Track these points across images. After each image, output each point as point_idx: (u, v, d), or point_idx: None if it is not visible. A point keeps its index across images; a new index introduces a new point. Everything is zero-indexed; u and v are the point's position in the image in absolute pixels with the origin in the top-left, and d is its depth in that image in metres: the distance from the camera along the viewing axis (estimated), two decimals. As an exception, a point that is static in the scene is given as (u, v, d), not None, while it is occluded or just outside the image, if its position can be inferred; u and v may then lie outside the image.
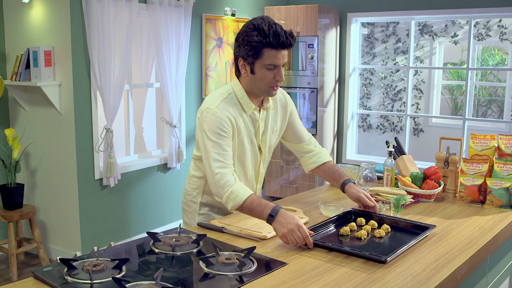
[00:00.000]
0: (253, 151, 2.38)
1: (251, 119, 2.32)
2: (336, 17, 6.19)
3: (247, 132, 2.32)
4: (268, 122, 2.39)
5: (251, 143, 2.35)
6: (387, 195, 2.68)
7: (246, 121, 2.30)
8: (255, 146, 2.38)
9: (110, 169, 4.47)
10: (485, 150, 2.84)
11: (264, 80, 2.21)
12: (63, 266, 1.77)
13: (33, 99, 4.46)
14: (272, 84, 2.22)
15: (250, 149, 2.36)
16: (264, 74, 2.19)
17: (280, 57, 2.17)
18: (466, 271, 1.97)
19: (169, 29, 4.84)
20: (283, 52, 2.17)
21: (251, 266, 1.83)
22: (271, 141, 2.46)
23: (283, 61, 2.19)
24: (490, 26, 8.13)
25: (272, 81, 2.21)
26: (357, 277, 1.78)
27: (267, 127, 2.39)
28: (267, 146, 2.44)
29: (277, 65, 2.17)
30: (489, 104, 9.07)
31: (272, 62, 2.16)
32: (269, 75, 2.19)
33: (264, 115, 2.38)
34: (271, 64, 2.17)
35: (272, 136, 2.45)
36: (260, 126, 2.36)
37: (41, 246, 4.35)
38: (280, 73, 2.19)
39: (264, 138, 2.40)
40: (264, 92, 2.26)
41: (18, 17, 4.41)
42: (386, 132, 8.69)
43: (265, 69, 2.18)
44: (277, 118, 2.46)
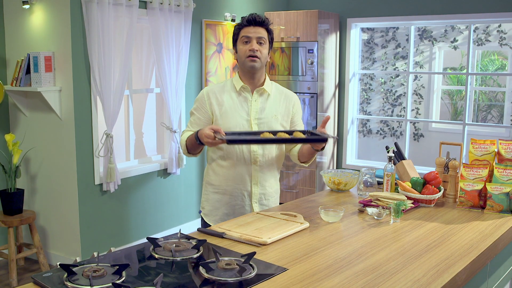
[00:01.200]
0: (243, 125, 2.61)
1: (243, 98, 2.64)
2: (336, 22, 6.20)
3: (234, 106, 2.61)
4: (266, 105, 2.66)
5: (241, 118, 2.61)
6: (387, 200, 2.68)
7: (234, 98, 2.63)
8: (245, 121, 2.61)
9: (110, 174, 4.47)
10: (485, 155, 2.84)
11: (241, 52, 2.59)
12: (63, 271, 1.77)
13: (33, 104, 4.47)
14: (248, 54, 2.56)
15: (240, 122, 2.60)
16: (241, 48, 2.59)
17: (251, 31, 2.56)
18: (466, 277, 1.97)
19: (169, 34, 4.85)
20: (255, 28, 2.56)
21: (251, 271, 1.83)
22: (272, 124, 2.64)
23: (255, 35, 2.56)
24: (490, 31, 8.14)
25: (246, 51, 2.56)
26: (358, 283, 1.77)
27: (264, 109, 2.65)
28: (267, 127, 2.63)
29: (249, 37, 2.56)
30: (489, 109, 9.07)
31: (244, 34, 2.57)
32: (244, 47, 2.57)
33: (260, 98, 2.66)
34: (244, 36, 2.57)
35: (273, 121, 2.65)
36: (253, 106, 2.63)
37: (41, 252, 4.35)
38: (252, 44, 2.55)
39: (263, 119, 2.63)
40: (245, 65, 2.59)
41: (19, 23, 4.42)
42: (386, 137, 8.69)
43: (241, 44, 2.59)
44: (278, 106, 2.69)
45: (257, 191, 2.68)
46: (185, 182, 5.40)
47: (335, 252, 2.07)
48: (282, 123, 2.69)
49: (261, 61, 2.58)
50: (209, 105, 2.63)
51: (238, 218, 2.48)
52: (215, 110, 2.63)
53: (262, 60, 2.59)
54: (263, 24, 2.58)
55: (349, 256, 2.03)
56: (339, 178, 3.06)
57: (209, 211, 2.74)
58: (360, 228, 2.40)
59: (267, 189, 2.71)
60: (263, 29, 2.58)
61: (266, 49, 2.60)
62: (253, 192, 2.67)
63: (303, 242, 2.19)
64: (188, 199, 5.47)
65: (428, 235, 2.29)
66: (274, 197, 2.78)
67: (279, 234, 2.22)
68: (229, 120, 2.61)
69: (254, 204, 2.69)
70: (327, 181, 3.11)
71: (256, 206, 2.69)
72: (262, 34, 2.58)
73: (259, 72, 2.64)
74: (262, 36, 2.57)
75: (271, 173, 2.73)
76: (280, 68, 6.10)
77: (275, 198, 2.79)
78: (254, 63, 2.57)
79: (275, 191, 2.79)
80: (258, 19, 2.57)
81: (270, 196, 2.74)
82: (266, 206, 2.73)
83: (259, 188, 2.68)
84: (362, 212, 2.65)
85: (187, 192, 5.46)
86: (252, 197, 2.68)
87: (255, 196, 2.68)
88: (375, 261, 1.98)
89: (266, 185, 2.71)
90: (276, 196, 2.80)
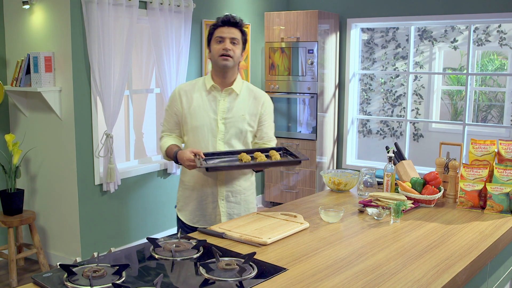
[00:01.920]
0: (210, 124, 2.67)
1: (212, 97, 2.70)
2: (336, 22, 6.21)
3: (203, 105, 2.68)
4: (234, 105, 2.70)
5: (208, 117, 2.67)
6: (387, 200, 2.68)
7: (204, 96, 2.70)
8: (212, 120, 2.67)
9: (110, 174, 4.47)
10: (485, 155, 2.84)
11: (215, 52, 2.64)
12: (63, 272, 1.77)
13: (33, 104, 4.47)
14: (220, 53, 2.62)
15: (207, 121, 2.67)
16: (214, 47, 2.65)
17: (225, 31, 2.63)
18: (466, 277, 1.97)
19: (169, 34, 4.85)
20: (229, 28, 2.63)
21: (251, 271, 1.83)
22: (239, 124, 2.69)
23: (228, 35, 2.62)
24: (490, 31, 8.14)
25: (219, 51, 2.62)
26: (358, 283, 1.77)
27: (231, 109, 2.69)
28: (234, 127, 2.68)
29: (222, 37, 2.62)
30: (489, 109, 9.07)
31: (218, 34, 2.63)
32: (218, 46, 2.63)
33: (228, 97, 2.70)
34: (218, 37, 2.63)
35: (240, 120, 2.69)
36: (220, 105, 2.68)
37: (41, 252, 4.35)
38: (225, 44, 2.61)
39: (230, 119, 2.68)
40: (218, 64, 2.65)
41: (19, 23, 4.42)
42: (386, 137, 8.69)
43: (215, 43, 2.65)
44: (246, 106, 2.73)
45: (223, 189, 2.72)
46: (185, 182, 5.39)
47: (335, 253, 2.07)
48: (249, 123, 2.73)
49: (233, 60, 2.65)
50: (180, 103, 2.72)
51: (238, 219, 2.49)
52: (184, 108, 2.71)
53: (234, 59, 2.65)
54: (237, 25, 2.66)
55: (349, 257, 2.03)
56: (339, 178, 3.06)
57: (181, 206, 2.85)
58: (360, 229, 2.40)
59: (234, 187, 2.75)
60: (237, 30, 2.66)
61: (239, 49, 2.67)
62: (219, 191, 2.72)
63: (303, 242, 2.19)
64: (188, 199, 5.46)
65: (428, 235, 2.30)
66: (245, 194, 2.80)
67: (279, 234, 2.23)
68: (196, 118, 2.69)
69: (221, 202, 2.73)
70: (327, 181, 3.11)
71: (222, 204, 2.73)
72: (236, 35, 2.65)
73: (231, 72, 2.70)
74: (235, 36, 2.64)
75: (238, 172, 2.75)
76: (280, 69, 6.10)
77: (247, 195, 2.81)
78: (227, 62, 2.63)
79: (246, 188, 2.80)
80: (233, 20, 2.65)
81: (239, 193, 2.76)
82: (234, 203, 2.75)
83: (225, 187, 2.72)
84: (362, 213, 2.65)
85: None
86: (218, 195, 2.72)
87: (221, 194, 2.73)
88: (375, 261, 1.98)
89: (233, 183, 2.74)
90: (247, 193, 2.82)
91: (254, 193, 2.88)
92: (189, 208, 2.79)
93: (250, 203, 2.83)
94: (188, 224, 2.78)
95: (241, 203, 2.77)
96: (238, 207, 2.76)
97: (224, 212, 2.73)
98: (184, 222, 2.80)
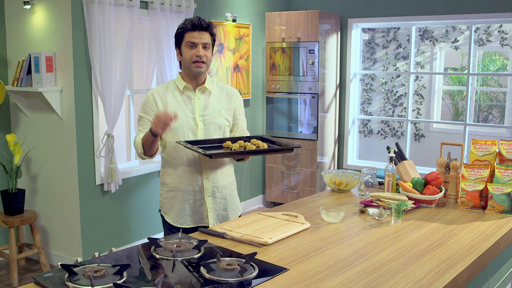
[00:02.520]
0: (188, 122, 2.68)
1: (186, 96, 2.71)
2: (336, 22, 6.20)
3: (178, 105, 2.68)
4: (209, 102, 2.73)
5: (186, 116, 2.68)
6: (388, 200, 2.68)
7: (178, 97, 2.70)
8: (190, 118, 2.69)
9: (111, 174, 4.47)
10: (486, 156, 2.84)
11: (187, 57, 2.64)
12: (64, 272, 1.77)
13: (34, 104, 4.47)
14: (194, 60, 2.62)
15: (186, 120, 2.68)
16: (186, 52, 2.64)
17: (197, 36, 2.62)
18: (467, 277, 1.97)
19: (170, 34, 4.85)
20: (200, 33, 2.62)
21: (252, 272, 1.83)
22: (217, 120, 2.73)
23: (200, 41, 2.62)
24: (491, 31, 8.14)
25: (192, 57, 2.62)
26: (359, 283, 1.77)
27: (207, 106, 2.72)
28: (213, 123, 2.72)
29: (194, 43, 2.62)
30: (490, 110, 9.07)
31: (190, 40, 2.62)
32: (190, 52, 2.63)
33: (202, 95, 2.73)
34: (189, 42, 2.62)
35: (217, 116, 2.73)
36: (196, 104, 2.70)
37: (42, 252, 4.35)
38: (198, 50, 2.62)
39: (207, 116, 2.71)
40: (190, 69, 2.65)
41: (20, 23, 4.42)
42: (387, 137, 8.68)
43: (187, 48, 2.64)
44: (221, 102, 2.77)
45: (208, 185, 2.72)
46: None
47: (336, 253, 2.07)
48: (226, 118, 2.77)
49: (206, 65, 2.67)
50: (155, 105, 2.70)
51: (239, 219, 2.49)
52: (160, 110, 2.68)
53: (207, 64, 2.68)
54: (208, 29, 2.65)
55: (350, 257, 2.03)
56: (340, 179, 3.06)
57: (167, 209, 2.80)
58: (361, 229, 2.40)
59: (219, 182, 2.74)
60: (207, 33, 2.65)
61: (210, 53, 2.69)
62: (205, 187, 2.71)
63: (304, 242, 2.19)
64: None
65: (429, 236, 2.29)
66: (229, 189, 2.80)
67: (280, 234, 2.23)
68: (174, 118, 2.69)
69: (207, 198, 2.72)
70: (328, 181, 3.11)
71: (209, 200, 2.72)
72: (207, 39, 2.65)
73: (203, 74, 2.72)
74: (207, 41, 2.64)
75: (221, 166, 2.76)
76: (281, 69, 6.10)
77: (231, 190, 2.82)
78: (201, 68, 2.65)
79: (229, 183, 2.80)
80: (204, 24, 2.63)
81: (224, 188, 2.76)
82: (220, 198, 2.75)
83: (210, 182, 2.71)
84: (363, 213, 2.65)
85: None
86: (204, 192, 2.72)
87: (207, 190, 2.72)
88: (376, 261, 1.98)
89: (217, 178, 2.74)
90: (231, 187, 2.82)
91: (236, 189, 2.90)
92: (175, 209, 2.75)
93: (235, 198, 2.85)
94: (174, 225, 2.75)
95: (226, 198, 2.78)
96: (224, 203, 2.76)
97: (211, 208, 2.72)
98: (170, 224, 2.76)
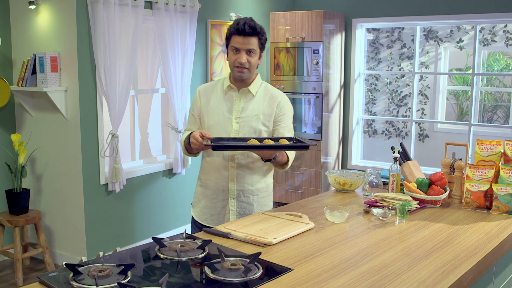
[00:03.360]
0: (224, 122, 2.69)
1: (229, 97, 2.71)
2: (341, 22, 6.20)
3: (219, 104, 2.71)
4: (249, 105, 2.69)
5: (223, 116, 2.69)
6: (392, 201, 2.68)
7: (220, 96, 2.72)
8: (227, 119, 2.69)
9: (116, 174, 4.48)
10: (491, 156, 2.83)
11: (230, 61, 2.65)
12: (68, 271, 1.78)
13: (39, 104, 4.48)
14: (235, 65, 2.61)
15: (222, 120, 2.69)
16: (230, 55, 2.64)
17: (241, 42, 2.57)
18: (472, 278, 1.96)
19: (174, 34, 4.86)
20: (244, 38, 2.57)
21: (256, 272, 1.83)
22: (253, 123, 2.68)
23: (244, 47, 2.58)
24: (496, 31, 8.11)
25: (234, 62, 2.61)
26: (363, 284, 1.77)
27: (246, 109, 2.69)
28: (247, 126, 2.68)
29: (238, 48, 2.59)
30: (495, 110, 9.03)
31: (234, 44, 2.60)
32: (233, 57, 2.62)
33: (244, 97, 2.70)
34: (233, 47, 2.61)
35: (254, 119, 2.69)
36: (236, 105, 2.69)
37: (47, 251, 4.36)
38: (240, 56, 2.59)
39: (244, 119, 2.68)
40: (233, 73, 2.66)
41: (25, 23, 4.43)
42: (391, 137, 8.67)
43: (231, 52, 2.63)
44: (261, 106, 2.71)
45: (234, 187, 2.71)
46: (190, 182, 5.40)
47: (340, 253, 2.07)
48: (264, 123, 2.70)
49: (249, 71, 2.64)
50: (200, 102, 2.77)
51: (243, 218, 2.49)
52: (202, 107, 2.75)
53: (250, 70, 2.64)
54: (253, 34, 2.58)
55: (354, 257, 2.03)
56: (345, 179, 3.05)
57: (195, 203, 2.85)
58: (366, 229, 2.40)
59: (245, 186, 2.72)
60: (254, 38, 2.59)
61: (255, 57, 2.64)
62: (230, 188, 2.71)
63: (309, 242, 2.19)
64: (193, 199, 5.46)
65: (434, 236, 2.29)
66: (258, 195, 2.75)
67: (284, 234, 2.22)
68: (212, 117, 2.71)
69: (231, 200, 2.71)
70: (332, 181, 3.11)
71: (232, 203, 2.72)
72: (252, 45, 2.59)
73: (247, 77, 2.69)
74: (252, 47, 2.59)
75: (252, 171, 2.71)
76: (285, 69, 6.10)
77: (260, 197, 2.76)
78: (242, 74, 2.63)
79: (259, 189, 2.75)
80: (248, 30, 2.56)
81: (251, 193, 2.72)
82: (245, 203, 2.72)
83: (236, 185, 2.70)
84: (367, 213, 2.65)
85: (192, 192, 5.44)
86: (229, 193, 2.71)
87: (231, 192, 2.71)
88: (380, 261, 1.98)
89: (244, 182, 2.71)
90: (261, 194, 2.76)
91: (270, 195, 2.84)
92: (200, 205, 2.79)
93: (265, 206, 2.78)
94: (197, 221, 2.79)
95: (253, 204, 2.73)
96: (250, 208, 2.72)
97: (234, 211, 2.71)
98: (194, 219, 2.81)
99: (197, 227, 2.76)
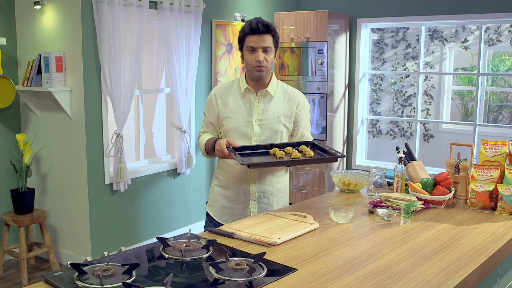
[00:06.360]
0: (245, 126, 2.68)
1: (247, 99, 2.70)
2: (345, 22, 6.19)
3: (238, 107, 2.68)
4: (269, 107, 2.69)
5: (243, 119, 2.68)
6: (397, 201, 2.67)
7: (239, 99, 2.70)
8: (247, 122, 2.68)
9: (120, 174, 4.49)
10: (496, 156, 2.82)
11: (248, 62, 2.63)
12: (73, 270, 1.78)
13: (44, 104, 4.49)
14: (254, 65, 2.60)
15: (243, 123, 2.68)
16: (247, 56, 2.63)
17: (256, 40, 2.57)
18: (477, 278, 1.96)
19: (179, 34, 4.86)
20: (259, 37, 2.56)
21: (261, 271, 1.83)
22: (274, 126, 2.69)
23: (260, 45, 2.57)
24: (501, 31, 8.09)
25: (253, 62, 2.60)
26: (368, 284, 1.77)
27: (266, 111, 2.68)
28: (269, 129, 2.68)
29: (254, 47, 2.58)
30: (500, 110, 9.01)
31: (249, 44, 2.59)
32: (250, 57, 2.60)
33: (263, 99, 2.69)
34: (249, 46, 2.59)
35: (275, 122, 2.69)
36: (255, 108, 2.68)
37: (52, 251, 4.37)
38: (258, 55, 2.58)
39: (265, 121, 2.68)
40: (253, 74, 2.64)
41: (30, 23, 4.44)
42: (396, 137, 8.65)
43: (247, 52, 2.62)
44: (281, 107, 2.71)
45: (255, 189, 2.71)
46: (195, 182, 5.41)
47: (345, 253, 2.07)
48: (284, 124, 2.72)
49: (267, 69, 2.64)
50: (216, 106, 2.73)
51: (248, 219, 2.49)
52: (220, 111, 2.73)
53: (268, 68, 2.64)
54: (267, 31, 2.58)
55: (359, 257, 2.02)
56: (349, 179, 3.05)
57: (212, 202, 2.84)
58: (370, 229, 2.40)
59: (266, 187, 2.73)
60: (268, 35, 2.59)
61: (272, 55, 2.64)
62: (251, 190, 2.72)
63: (313, 242, 2.19)
64: (198, 199, 5.47)
65: (439, 236, 2.28)
66: (277, 195, 2.78)
67: (289, 234, 2.22)
68: (232, 120, 2.69)
69: (252, 202, 2.72)
70: (337, 181, 3.11)
71: (253, 204, 2.72)
72: (267, 43, 2.59)
73: (265, 76, 2.69)
74: (267, 45, 2.59)
75: (272, 172, 2.74)
76: (290, 69, 6.09)
77: (279, 197, 2.79)
78: (261, 72, 2.62)
79: (278, 190, 2.78)
80: (262, 28, 2.56)
81: (271, 194, 2.75)
82: (266, 204, 2.74)
83: (257, 186, 2.71)
84: (372, 213, 2.64)
85: (197, 192, 5.46)
86: (250, 195, 2.72)
87: (253, 194, 2.72)
88: (385, 262, 1.97)
89: (265, 183, 2.73)
90: (280, 194, 2.80)
91: (287, 195, 2.87)
92: (219, 204, 2.79)
93: (280, 206, 2.80)
94: (216, 220, 2.78)
95: (273, 205, 2.76)
96: (269, 209, 2.74)
97: (255, 212, 2.72)
98: (212, 217, 2.80)
99: (213, 225, 2.74)
